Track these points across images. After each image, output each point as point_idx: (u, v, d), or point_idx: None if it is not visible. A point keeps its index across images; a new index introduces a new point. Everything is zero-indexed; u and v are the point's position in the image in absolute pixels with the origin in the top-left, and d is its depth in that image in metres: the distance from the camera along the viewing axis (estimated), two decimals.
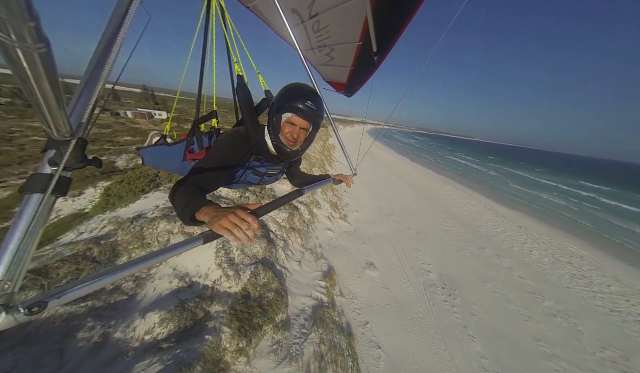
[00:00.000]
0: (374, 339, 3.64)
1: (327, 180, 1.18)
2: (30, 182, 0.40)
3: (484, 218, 10.68)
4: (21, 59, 0.27)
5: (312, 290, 3.86)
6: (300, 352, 2.63)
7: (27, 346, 1.71)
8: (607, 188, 31.68)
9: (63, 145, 0.41)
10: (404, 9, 0.98)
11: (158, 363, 1.80)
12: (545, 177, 33.56)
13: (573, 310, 5.42)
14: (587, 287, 6.45)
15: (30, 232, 0.38)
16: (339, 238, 6.23)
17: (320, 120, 0.92)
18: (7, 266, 0.36)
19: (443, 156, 41.66)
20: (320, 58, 1.70)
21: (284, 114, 0.88)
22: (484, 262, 6.95)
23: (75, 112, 0.42)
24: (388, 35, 1.13)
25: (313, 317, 3.28)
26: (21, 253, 0.37)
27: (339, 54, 1.55)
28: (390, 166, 20.56)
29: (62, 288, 0.37)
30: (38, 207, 0.39)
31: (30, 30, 0.24)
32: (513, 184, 23.32)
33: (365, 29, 1.17)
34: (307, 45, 1.57)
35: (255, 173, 1.06)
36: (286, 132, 0.90)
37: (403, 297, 4.87)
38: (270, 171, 1.10)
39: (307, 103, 0.85)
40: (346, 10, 1.12)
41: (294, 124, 0.88)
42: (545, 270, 7.06)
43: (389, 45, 1.17)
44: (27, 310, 0.34)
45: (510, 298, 5.52)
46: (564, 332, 4.74)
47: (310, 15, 1.25)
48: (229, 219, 0.55)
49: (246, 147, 0.96)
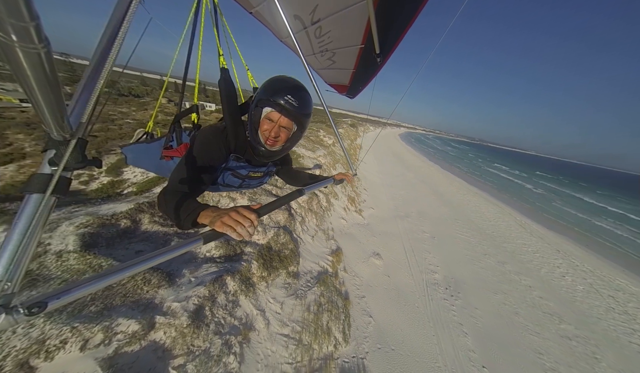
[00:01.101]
0: (367, 309, 4.22)
1: (328, 180, 1.17)
2: (30, 182, 0.40)
3: (513, 235, 9.93)
4: (21, 59, 0.27)
5: (320, 261, 4.62)
6: (304, 295, 3.43)
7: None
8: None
9: (63, 146, 0.41)
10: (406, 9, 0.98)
11: (214, 267, 2.81)
12: (606, 201, 27.66)
13: (596, 339, 5.03)
14: (625, 322, 5.77)
15: (30, 233, 0.38)
16: (351, 227, 6.84)
17: (305, 119, 0.84)
18: (7, 266, 0.36)
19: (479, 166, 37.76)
20: (322, 62, 1.71)
21: (264, 108, 0.81)
22: (500, 276, 6.73)
23: (75, 112, 0.42)
24: (391, 36, 1.13)
25: (318, 278, 4.04)
26: (21, 254, 0.37)
27: (340, 58, 1.56)
28: (416, 171, 19.90)
29: (62, 288, 0.38)
30: (38, 208, 0.39)
31: (30, 30, 0.25)
32: (561, 204, 20.13)
33: (367, 31, 1.17)
34: (309, 50, 1.58)
35: (234, 175, 0.98)
36: (264, 129, 0.83)
37: (403, 287, 5.27)
38: (252, 174, 1.02)
39: (287, 97, 0.78)
40: (348, 15, 1.13)
41: (272, 120, 0.81)
42: (576, 297, 6.48)
43: (392, 45, 1.17)
44: (27, 311, 0.34)
45: (520, 313, 5.39)
46: (576, 355, 4.53)
47: (313, 22, 1.26)
48: (231, 216, 0.57)
49: (224, 144, 0.89)
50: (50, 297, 0.36)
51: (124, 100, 24.55)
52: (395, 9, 1.01)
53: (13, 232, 0.37)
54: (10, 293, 0.36)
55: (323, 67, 1.79)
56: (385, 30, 1.10)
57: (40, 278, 1.95)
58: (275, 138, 0.83)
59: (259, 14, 1.48)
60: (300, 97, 0.80)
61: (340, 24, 1.21)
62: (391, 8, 1.01)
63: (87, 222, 2.68)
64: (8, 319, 0.34)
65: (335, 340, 3.17)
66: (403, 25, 1.04)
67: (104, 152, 7.16)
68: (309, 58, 1.72)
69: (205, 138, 0.87)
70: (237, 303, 2.58)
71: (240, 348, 2.25)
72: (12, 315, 0.34)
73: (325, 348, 2.97)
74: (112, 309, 1.85)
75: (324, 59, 1.65)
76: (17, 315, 0.34)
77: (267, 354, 2.45)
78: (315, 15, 1.20)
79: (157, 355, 1.79)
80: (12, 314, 0.34)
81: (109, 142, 8.03)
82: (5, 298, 0.35)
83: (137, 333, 1.78)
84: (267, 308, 2.84)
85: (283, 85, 0.81)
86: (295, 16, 1.28)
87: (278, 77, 0.83)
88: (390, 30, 1.10)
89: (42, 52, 0.27)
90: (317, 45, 1.49)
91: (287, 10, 1.18)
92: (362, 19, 1.10)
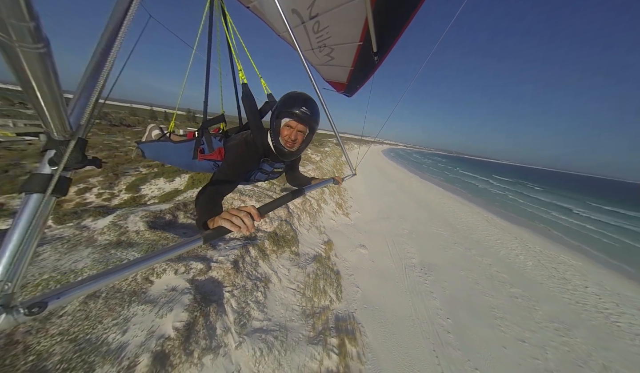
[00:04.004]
0: (355, 283, 5.27)
1: (328, 180, 1.29)
2: (30, 182, 0.40)
3: (479, 228, 11.55)
4: (21, 59, 0.27)
5: (315, 247, 5.70)
6: (305, 266, 4.48)
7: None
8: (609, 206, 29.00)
9: (63, 146, 0.41)
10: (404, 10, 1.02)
11: (239, 242, 3.89)
12: (563, 201, 31.75)
13: (537, 297, 6.34)
14: (561, 285, 7.20)
15: (30, 233, 0.38)
16: (339, 226, 8.03)
17: (315, 124, 1.04)
18: (7, 267, 0.36)
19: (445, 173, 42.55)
20: (320, 58, 1.71)
21: (283, 119, 1.02)
22: (466, 259, 8.06)
23: (75, 112, 0.42)
24: (388, 36, 1.15)
25: (314, 258, 5.10)
26: (21, 254, 0.37)
27: (339, 54, 1.57)
28: (398, 181, 21.92)
29: (62, 288, 0.38)
30: (38, 208, 0.39)
31: (30, 30, 0.25)
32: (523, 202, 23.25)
33: (365, 29, 1.18)
34: (307, 45, 1.58)
35: (263, 172, 1.20)
36: (285, 135, 1.03)
37: (385, 269, 6.39)
38: (275, 170, 1.24)
39: (302, 109, 0.98)
40: (346, 11, 1.13)
41: (291, 126, 1.02)
42: (526, 270, 7.90)
43: (389, 45, 1.19)
44: (27, 311, 0.35)
45: (480, 282, 6.64)
46: (520, 308, 5.76)
47: (311, 16, 1.26)
48: (230, 212, 0.66)
49: (256, 153, 1.10)
50: (50, 297, 0.37)
51: (117, 130, 25.31)
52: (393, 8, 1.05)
53: (13, 232, 0.37)
54: (10, 294, 0.36)
55: (321, 62, 1.79)
56: (382, 29, 1.12)
57: (131, 245, 2.95)
58: (294, 141, 1.04)
59: (256, 9, 1.47)
60: (311, 107, 1.00)
61: (339, 19, 1.23)
62: (389, 7, 1.04)
63: (145, 214, 3.70)
64: (8, 319, 0.34)
65: (330, 298, 4.20)
66: (400, 25, 1.07)
67: (120, 174, 8.05)
68: (307, 53, 1.71)
69: (240, 151, 1.08)
70: (257, 264, 3.65)
71: (264, 290, 3.29)
72: (12, 315, 0.34)
73: (322, 302, 3.98)
74: (185, 259, 2.89)
75: (323, 55, 1.65)
76: (17, 315, 0.35)
77: (281, 297, 3.47)
78: (314, 9, 1.21)
79: (215, 284, 2.82)
80: (12, 314, 0.34)
81: (119, 166, 8.92)
82: (5, 298, 0.35)
83: (202, 269, 2.82)
84: (278, 270, 3.88)
85: (298, 100, 0.99)
86: (293, 10, 1.29)
87: (293, 93, 1.01)
88: (387, 29, 1.13)
89: (42, 52, 0.27)
90: (315, 41, 1.49)
91: (284, 4, 1.18)
92: (360, 15, 1.13)
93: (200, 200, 0.85)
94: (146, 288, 2.34)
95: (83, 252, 2.62)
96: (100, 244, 2.83)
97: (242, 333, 2.55)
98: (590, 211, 24.90)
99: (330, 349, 3.11)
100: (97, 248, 2.70)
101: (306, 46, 1.60)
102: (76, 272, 2.26)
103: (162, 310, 2.12)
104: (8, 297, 0.35)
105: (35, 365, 1.51)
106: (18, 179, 7.22)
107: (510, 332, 4.82)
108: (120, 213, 3.62)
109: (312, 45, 1.57)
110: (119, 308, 2.01)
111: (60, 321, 1.80)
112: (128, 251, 2.74)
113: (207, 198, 0.85)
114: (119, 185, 7.40)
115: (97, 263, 2.42)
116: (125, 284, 2.28)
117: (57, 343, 1.63)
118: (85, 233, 3.02)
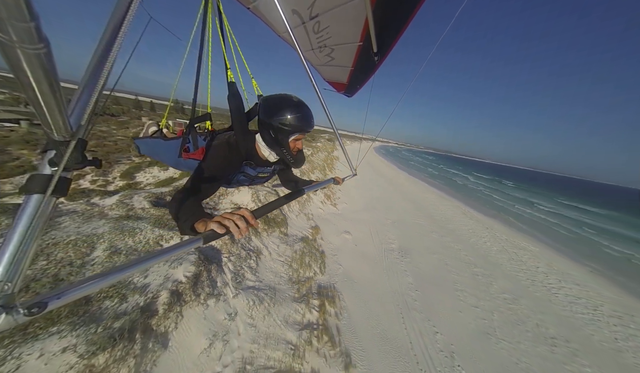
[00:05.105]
0: (338, 261, 5.94)
1: (329, 180, 1.34)
2: (30, 183, 0.40)
3: (456, 220, 12.63)
4: (21, 59, 0.27)
5: (303, 230, 6.30)
6: (292, 245, 5.08)
7: None
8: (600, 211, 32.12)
9: (63, 146, 0.41)
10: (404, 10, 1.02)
11: None
12: (519, 193, 34.78)
13: (494, 275, 7.33)
14: (517, 266, 8.28)
15: (30, 233, 0.38)
16: (327, 215, 8.67)
17: None
18: (7, 267, 0.36)
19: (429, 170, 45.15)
20: (320, 58, 1.72)
21: (293, 134, 1.02)
22: (440, 245, 8.98)
23: (75, 113, 0.42)
24: (388, 36, 1.16)
25: (301, 239, 5.71)
26: (21, 255, 0.37)
27: (339, 55, 1.57)
28: (387, 177, 22.90)
29: (62, 289, 0.38)
30: (38, 208, 0.39)
31: (30, 30, 0.25)
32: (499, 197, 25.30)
33: (365, 29, 1.19)
34: (307, 46, 1.59)
35: (245, 176, 1.20)
36: (293, 147, 1.07)
37: (366, 252, 7.11)
38: (260, 174, 1.26)
39: (312, 124, 1.04)
40: (347, 11, 1.14)
41: (299, 139, 1.07)
42: (490, 254, 8.95)
43: (389, 45, 1.20)
44: (27, 311, 0.35)
45: (449, 264, 7.54)
46: (479, 283, 6.70)
47: (311, 16, 1.27)
48: (224, 215, 0.65)
49: (237, 156, 1.09)
50: (51, 297, 0.37)
51: (101, 119, 24.31)
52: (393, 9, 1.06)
53: (13, 232, 0.38)
54: (11, 294, 0.36)
55: (321, 63, 1.79)
56: (382, 29, 1.13)
57: (139, 219, 3.40)
58: (299, 150, 1.10)
59: (256, 9, 1.48)
60: (311, 117, 1.05)
61: (339, 19, 1.24)
62: (389, 7, 1.05)
63: (148, 195, 4.12)
64: (8, 319, 0.34)
65: (314, 271, 4.83)
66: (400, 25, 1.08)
67: (113, 162, 8.19)
68: (307, 53, 1.71)
69: (221, 152, 1.06)
70: (250, 239, 4.19)
71: (256, 259, 3.85)
72: (12, 315, 0.34)
73: (307, 273, 4.60)
74: None
75: (323, 55, 1.66)
76: (17, 315, 0.35)
77: (271, 267, 4.05)
78: (314, 10, 1.22)
79: (215, 251, 3.34)
80: (12, 314, 0.34)
81: (110, 155, 9.00)
82: (5, 298, 0.36)
83: None
84: (269, 245, 4.45)
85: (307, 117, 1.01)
86: (293, 11, 1.30)
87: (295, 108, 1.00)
88: (387, 29, 1.13)
89: (42, 52, 0.27)
90: (315, 41, 1.50)
91: (285, 5, 1.18)
92: (360, 16, 1.14)
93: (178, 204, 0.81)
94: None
95: (98, 222, 3.05)
96: (112, 217, 3.26)
97: (238, 288, 3.12)
98: (556, 206, 27.82)
99: (312, 307, 3.74)
100: (110, 220, 3.14)
101: (306, 46, 1.62)
102: (98, 235, 2.71)
103: (173, 264, 2.63)
104: (8, 297, 0.36)
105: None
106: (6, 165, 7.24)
107: (467, 301, 5.69)
108: (125, 193, 4.02)
109: (312, 46, 1.59)
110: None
111: (93, 268, 2.28)
112: (138, 222, 3.19)
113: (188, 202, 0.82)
114: (112, 173, 7.57)
115: (114, 229, 2.87)
116: (140, 246, 2.76)
117: None
118: (96, 209, 3.43)
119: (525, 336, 4.79)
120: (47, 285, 1.98)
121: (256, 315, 2.97)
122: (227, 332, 2.53)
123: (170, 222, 3.29)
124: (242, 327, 2.70)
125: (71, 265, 2.21)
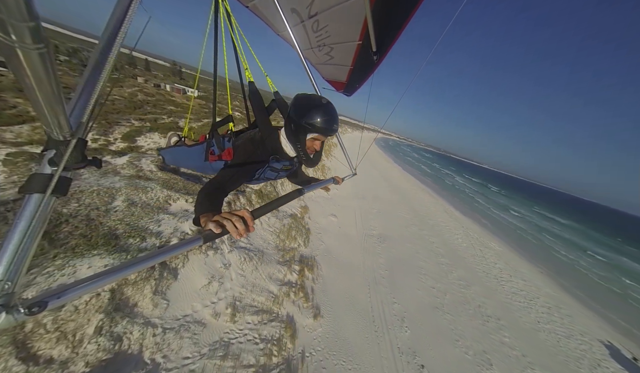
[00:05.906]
0: (321, 239, 6.68)
1: (329, 180, 1.36)
2: (30, 182, 0.40)
3: (437, 216, 13.62)
4: (21, 59, 0.27)
5: (292, 209, 6.93)
6: (282, 219, 5.71)
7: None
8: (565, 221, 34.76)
9: (63, 146, 0.41)
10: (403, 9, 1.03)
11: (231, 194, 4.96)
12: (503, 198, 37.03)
13: (457, 265, 8.37)
14: (479, 261, 9.38)
15: (30, 233, 0.38)
16: (317, 198, 9.29)
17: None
18: (7, 266, 0.36)
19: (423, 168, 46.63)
20: (320, 57, 1.72)
21: (312, 133, 1.02)
22: (416, 236, 9.92)
23: (75, 112, 0.42)
24: (387, 35, 1.16)
25: (290, 215, 6.35)
26: (21, 254, 0.38)
27: (338, 53, 1.57)
28: (381, 169, 23.54)
29: (62, 288, 0.38)
30: (38, 208, 0.39)
31: (30, 30, 0.25)
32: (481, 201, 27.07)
33: (365, 28, 1.19)
34: (306, 44, 1.60)
35: (272, 170, 1.23)
36: (310, 146, 1.07)
37: (349, 234, 7.89)
38: (285, 167, 1.28)
39: (334, 126, 1.02)
40: (345, 10, 1.14)
41: (318, 139, 1.06)
42: (459, 248, 10.00)
43: (388, 44, 1.20)
44: (27, 310, 0.35)
45: (420, 252, 8.49)
46: (441, 270, 7.70)
47: (310, 15, 1.28)
48: (223, 216, 0.65)
49: (264, 151, 1.12)
50: (51, 296, 0.37)
51: None
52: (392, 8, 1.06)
53: (13, 232, 0.38)
54: (11, 293, 0.37)
55: (321, 62, 1.80)
56: (381, 29, 1.13)
57: (149, 179, 3.86)
58: (317, 149, 1.11)
59: (255, 8, 1.46)
60: (337, 119, 1.03)
61: (338, 18, 1.24)
62: (388, 6, 1.05)
63: (154, 160, 4.52)
64: (8, 318, 0.35)
65: (299, 243, 5.53)
66: (399, 24, 1.08)
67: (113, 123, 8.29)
68: (306, 52, 1.71)
69: (249, 149, 1.12)
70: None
71: None
72: (12, 314, 0.35)
73: (292, 244, 5.30)
74: (192, 194, 3.90)
75: (322, 54, 1.66)
76: (18, 315, 0.35)
77: (260, 234, 4.69)
78: (313, 8, 1.22)
79: None
80: (12, 313, 0.35)
81: (108, 115, 9.01)
82: (5, 297, 0.36)
83: None
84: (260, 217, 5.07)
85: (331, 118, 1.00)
86: (292, 9, 1.30)
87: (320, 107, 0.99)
88: (386, 28, 1.14)
89: (42, 52, 0.27)
90: (314, 40, 1.50)
91: (284, 3, 1.18)
92: (359, 15, 1.15)
93: (202, 193, 0.85)
94: (167, 207, 3.37)
95: (114, 178, 3.51)
96: (125, 176, 3.70)
97: (232, 246, 3.74)
98: (529, 214, 30.22)
99: (293, 270, 4.47)
100: (123, 178, 3.59)
101: (305, 45, 1.62)
102: (116, 189, 3.19)
103: (180, 219, 3.19)
104: (8, 297, 0.36)
105: (109, 232, 2.55)
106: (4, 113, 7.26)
107: (427, 283, 6.66)
108: (134, 155, 4.41)
109: (311, 44, 1.58)
110: (152, 214, 3.03)
111: (116, 214, 2.81)
112: (149, 183, 3.66)
113: (209, 192, 0.86)
114: (113, 134, 7.73)
115: (129, 185, 3.35)
116: (152, 202, 3.27)
117: (119, 224, 2.66)
118: (109, 167, 3.85)
119: (466, 313, 5.81)
120: (83, 223, 2.50)
121: (246, 269, 3.64)
122: (222, 276, 3.19)
123: (177, 185, 3.78)
124: (234, 275, 3.36)
125: (98, 209, 2.71)
